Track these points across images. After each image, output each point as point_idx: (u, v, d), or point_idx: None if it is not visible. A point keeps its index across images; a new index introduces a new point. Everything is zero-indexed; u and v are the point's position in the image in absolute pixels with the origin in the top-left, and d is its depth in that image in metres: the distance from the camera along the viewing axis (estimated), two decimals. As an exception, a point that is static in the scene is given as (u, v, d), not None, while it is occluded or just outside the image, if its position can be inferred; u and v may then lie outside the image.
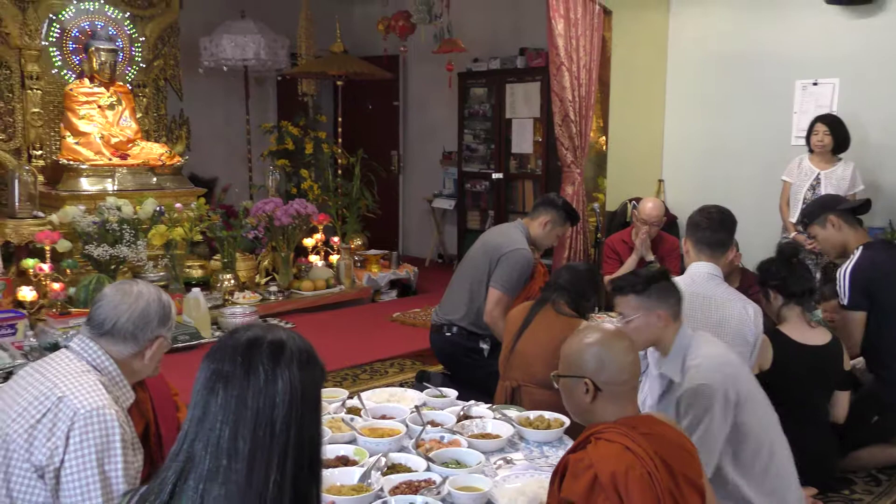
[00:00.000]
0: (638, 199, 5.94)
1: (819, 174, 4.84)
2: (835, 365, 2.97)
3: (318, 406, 1.26)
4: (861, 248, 3.29)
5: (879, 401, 3.25)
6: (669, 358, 2.33)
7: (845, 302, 3.25)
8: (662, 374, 2.38)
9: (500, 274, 3.64)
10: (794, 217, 4.89)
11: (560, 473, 1.69)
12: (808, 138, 4.90)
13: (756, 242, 4.73)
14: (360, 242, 6.97)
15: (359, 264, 6.58)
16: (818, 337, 2.94)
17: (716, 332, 2.83)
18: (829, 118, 4.87)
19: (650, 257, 4.38)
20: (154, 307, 1.85)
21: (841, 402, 3.08)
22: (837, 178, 4.80)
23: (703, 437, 2.20)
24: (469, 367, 3.75)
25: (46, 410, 1.68)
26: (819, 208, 3.49)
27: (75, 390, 1.70)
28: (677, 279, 2.99)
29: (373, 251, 6.77)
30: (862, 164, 5.22)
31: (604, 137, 5.91)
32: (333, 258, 6.32)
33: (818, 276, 4.44)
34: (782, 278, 2.94)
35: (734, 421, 2.25)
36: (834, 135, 4.77)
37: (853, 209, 3.47)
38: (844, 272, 3.25)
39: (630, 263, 4.40)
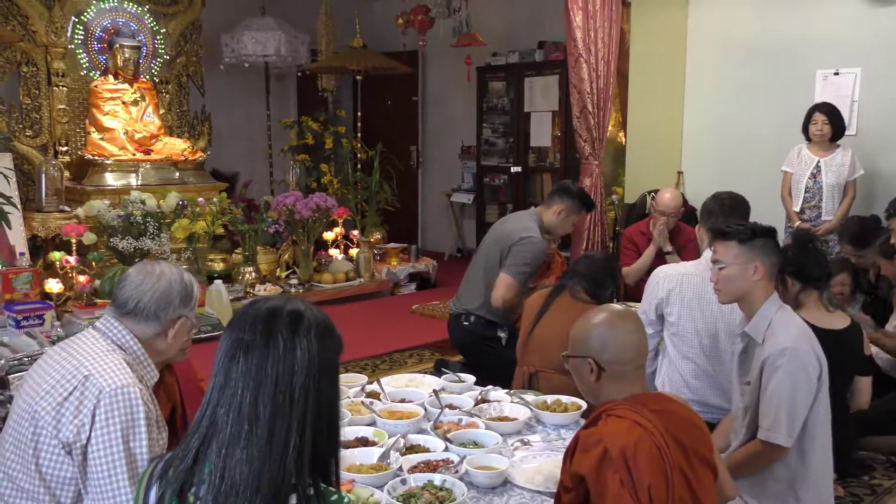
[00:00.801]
0: (657, 192, 5.93)
1: (819, 162, 4.86)
2: (855, 349, 2.96)
3: (336, 375, 1.29)
4: None
5: None
6: (756, 318, 2.29)
7: None
8: (745, 333, 2.34)
9: (511, 261, 3.66)
10: (797, 206, 4.92)
11: (572, 449, 1.71)
12: (805, 128, 4.92)
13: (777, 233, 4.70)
14: (379, 236, 7.02)
15: (378, 258, 6.63)
16: (837, 321, 2.92)
17: (732, 317, 2.84)
18: (827, 107, 4.89)
19: (668, 248, 4.37)
20: (176, 287, 1.87)
21: (863, 388, 3.06)
22: (837, 165, 4.83)
23: (790, 400, 2.16)
24: (487, 355, 3.77)
25: (73, 388, 1.72)
26: None
27: (101, 369, 1.74)
28: (691, 264, 3.01)
29: (392, 245, 6.81)
30: (886, 153, 5.18)
31: (622, 130, 5.90)
32: (353, 251, 6.37)
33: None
34: (798, 264, 2.93)
35: (813, 405, 2.22)
36: (832, 123, 4.81)
37: None
38: None
39: (648, 254, 4.40)
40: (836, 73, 5.41)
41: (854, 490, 3.02)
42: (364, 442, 2.23)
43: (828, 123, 4.80)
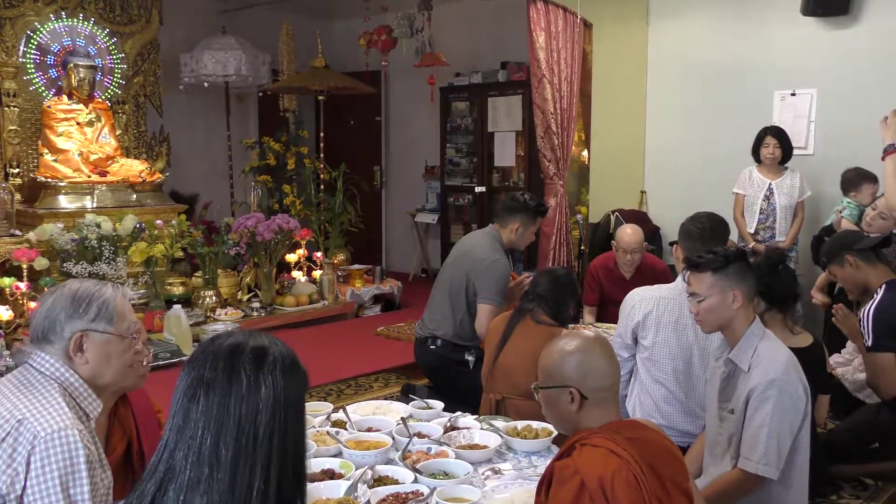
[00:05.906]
0: (621, 211, 5.97)
1: (771, 184, 5.02)
2: (818, 367, 2.97)
3: (302, 412, 1.23)
4: (884, 286, 3.19)
5: (883, 431, 3.23)
6: (741, 345, 2.25)
7: (869, 343, 3.14)
8: (728, 360, 2.30)
9: (485, 288, 3.62)
10: (751, 227, 5.06)
11: (546, 482, 1.66)
12: (756, 150, 5.04)
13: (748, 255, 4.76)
14: (343, 257, 6.94)
15: (342, 279, 6.54)
16: (801, 341, 2.93)
17: (706, 342, 2.83)
18: (777, 130, 5.03)
19: None
20: (61, 301, 1.67)
21: (821, 406, 3.08)
22: (788, 187, 4.99)
23: (779, 433, 2.13)
24: (455, 379, 3.72)
25: (6, 435, 1.58)
26: (837, 247, 3.37)
27: (35, 412, 1.61)
28: (668, 287, 2.99)
29: (356, 266, 6.73)
30: (841, 171, 5.29)
31: (586, 150, 5.93)
32: (316, 273, 6.27)
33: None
34: (766, 285, 2.92)
35: (798, 432, 2.20)
36: (783, 146, 4.96)
37: (873, 246, 3.32)
38: (867, 312, 3.14)
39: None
40: (794, 94, 5.53)
41: (823, 510, 3.02)
42: (330, 475, 2.16)
43: (779, 147, 4.95)
